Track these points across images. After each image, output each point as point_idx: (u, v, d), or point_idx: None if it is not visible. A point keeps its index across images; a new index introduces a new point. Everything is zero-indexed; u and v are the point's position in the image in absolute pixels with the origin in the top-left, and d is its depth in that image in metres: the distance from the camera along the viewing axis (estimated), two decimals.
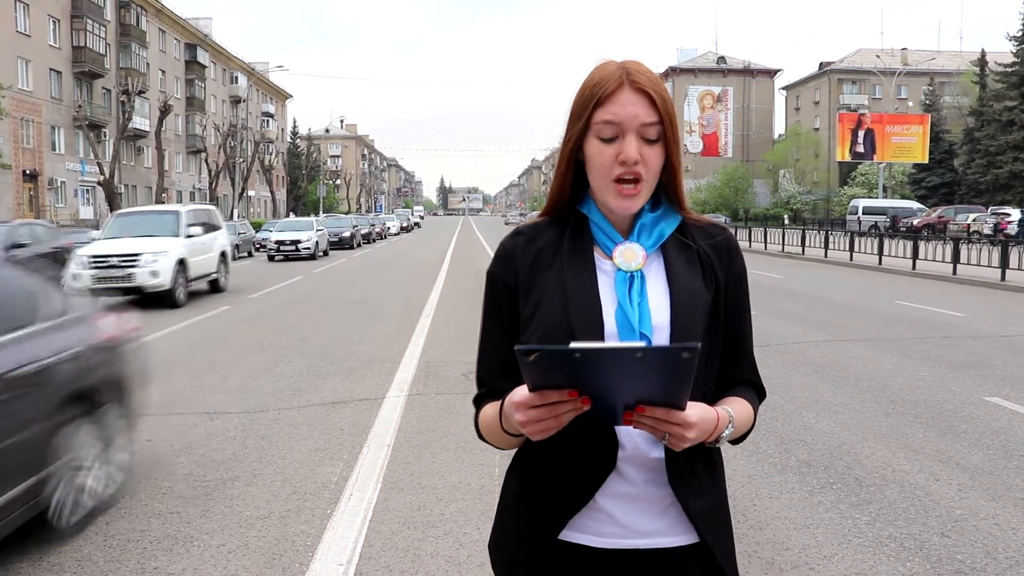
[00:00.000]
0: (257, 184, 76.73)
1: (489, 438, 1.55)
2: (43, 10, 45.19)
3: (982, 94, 56.80)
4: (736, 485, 5.06)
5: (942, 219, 41.14)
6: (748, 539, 4.25)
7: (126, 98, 41.10)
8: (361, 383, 8.29)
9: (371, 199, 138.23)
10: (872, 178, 60.86)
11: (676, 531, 1.48)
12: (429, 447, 6.00)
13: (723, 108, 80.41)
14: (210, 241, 16.64)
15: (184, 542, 4.30)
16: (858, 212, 47.16)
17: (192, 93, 66.30)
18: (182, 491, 5.10)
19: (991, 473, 5.33)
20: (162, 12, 60.40)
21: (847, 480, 5.21)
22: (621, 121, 1.43)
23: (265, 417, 6.93)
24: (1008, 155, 51.52)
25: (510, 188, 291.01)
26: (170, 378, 8.61)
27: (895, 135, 54.89)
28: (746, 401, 1.55)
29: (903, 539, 4.26)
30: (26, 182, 43.46)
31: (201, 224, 16.29)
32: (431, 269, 24.74)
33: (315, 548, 4.18)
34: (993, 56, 57.96)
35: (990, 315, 13.23)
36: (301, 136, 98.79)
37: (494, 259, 1.60)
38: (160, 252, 14.36)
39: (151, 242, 14.60)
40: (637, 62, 1.49)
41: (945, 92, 66.22)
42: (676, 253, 1.52)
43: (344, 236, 38.21)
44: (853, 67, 76.76)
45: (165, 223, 15.56)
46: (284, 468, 5.55)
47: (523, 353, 1.19)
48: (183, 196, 64.91)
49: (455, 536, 4.35)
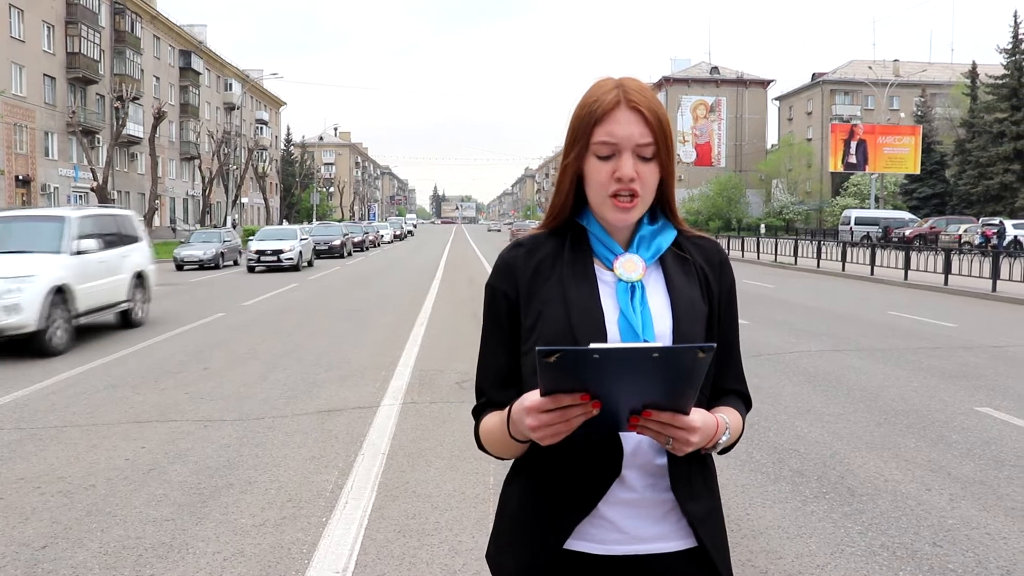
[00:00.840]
0: (251, 191, 76.68)
1: (492, 447, 1.57)
2: (37, 16, 45.17)
3: (973, 106, 57.24)
4: (730, 494, 5.09)
5: (933, 229, 41.37)
6: (742, 548, 4.27)
7: (120, 104, 41.12)
8: (355, 391, 8.30)
9: (365, 207, 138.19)
10: (864, 188, 61.19)
11: (675, 536, 1.50)
12: (424, 455, 6.01)
13: (716, 118, 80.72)
14: (116, 259, 12.44)
15: (179, 549, 4.30)
16: (850, 222, 47.30)
17: (186, 100, 66.29)
18: (177, 498, 5.10)
19: (982, 483, 5.37)
20: (157, 19, 60.42)
21: (840, 490, 5.24)
22: (617, 140, 1.47)
23: (260, 425, 6.93)
24: (999, 166, 51.92)
25: (503, 196, 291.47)
26: (164, 385, 8.61)
27: (887, 146, 55.16)
28: (736, 411, 1.58)
29: (895, 548, 4.29)
30: (19, 187, 43.35)
31: (102, 236, 11.96)
32: (424, 278, 24.75)
33: (311, 556, 4.19)
34: (984, 68, 58.49)
35: (981, 326, 13.30)
36: (295, 143, 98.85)
37: (493, 271, 1.62)
38: (24, 277, 10.10)
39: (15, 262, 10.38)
40: (634, 79, 1.52)
41: (937, 104, 66.71)
42: (674, 265, 1.56)
43: (334, 244, 37.71)
44: (846, 78, 77.25)
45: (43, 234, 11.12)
46: (279, 476, 5.55)
47: (543, 354, 1.21)
48: (176, 203, 64.87)
49: (450, 544, 4.36)
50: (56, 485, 5.37)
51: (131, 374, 9.25)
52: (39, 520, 4.74)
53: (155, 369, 9.56)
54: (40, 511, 4.89)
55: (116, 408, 7.58)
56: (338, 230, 41.15)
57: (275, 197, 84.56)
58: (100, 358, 10.33)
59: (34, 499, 5.11)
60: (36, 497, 5.15)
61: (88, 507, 4.95)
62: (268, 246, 28.35)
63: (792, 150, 75.79)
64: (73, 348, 11.04)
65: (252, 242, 29.44)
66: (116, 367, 9.73)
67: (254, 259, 28.22)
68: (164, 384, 8.67)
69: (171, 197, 63.38)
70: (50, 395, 8.16)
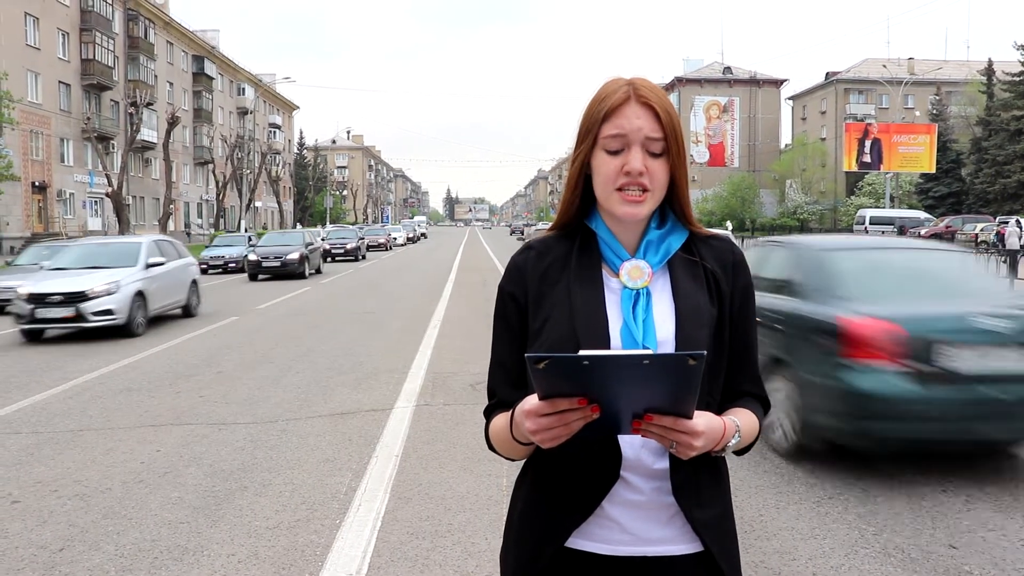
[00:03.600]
0: (264, 195, 77.03)
1: (500, 448, 1.58)
2: (52, 23, 45.56)
3: (989, 103, 56.78)
4: (743, 495, 5.08)
5: (950, 229, 41.08)
6: (755, 549, 4.26)
7: (134, 110, 41.36)
8: (369, 394, 8.32)
9: (378, 210, 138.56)
10: (879, 188, 60.77)
11: (682, 539, 1.50)
12: (437, 457, 6.02)
13: (729, 118, 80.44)
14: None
15: (195, 552, 4.33)
16: (865, 222, 47.03)
17: (199, 105, 66.66)
18: (192, 501, 5.13)
19: (999, 484, 5.33)
20: (170, 25, 60.80)
21: (854, 491, 5.21)
22: (626, 133, 1.46)
23: (274, 428, 6.96)
24: (1016, 164, 51.44)
25: (516, 198, 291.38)
26: (179, 389, 8.66)
27: (902, 145, 54.75)
28: (751, 412, 1.57)
29: (910, 550, 4.26)
30: (35, 194, 43.75)
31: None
32: (438, 280, 24.78)
33: (324, 558, 4.21)
34: (1000, 65, 57.92)
35: None
36: (308, 147, 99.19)
37: (505, 273, 1.63)
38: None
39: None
40: (644, 79, 1.53)
41: (952, 101, 66.17)
42: (682, 269, 1.55)
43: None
44: (860, 77, 76.78)
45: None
46: (293, 478, 5.57)
47: (533, 361, 1.22)
48: (190, 207, 65.22)
49: (463, 546, 4.37)
50: (73, 488, 5.42)
51: (146, 378, 9.32)
52: (56, 523, 4.79)
53: (170, 373, 9.62)
54: (57, 514, 4.94)
55: (131, 412, 7.64)
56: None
57: (288, 201, 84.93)
58: (115, 362, 10.41)
59: (51, 502, 5.16)
60: (53, 500, 5.20)
61: (104, 510, 4.99)
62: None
63: (806, 150, 75.37)
64: (88, 353, 11.15)
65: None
66: (131, 371, 9.80)
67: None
68: (179, 388, 8.72)
69: (185, 202, 63.74)
70: (67, 399, 8.23)
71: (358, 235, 41.40)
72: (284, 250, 26.22)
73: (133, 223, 47.11)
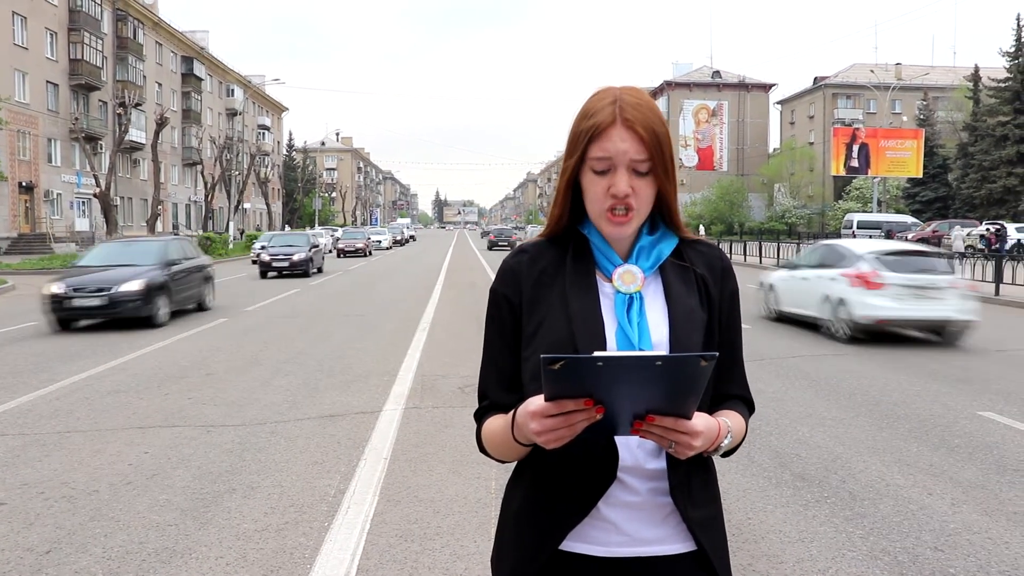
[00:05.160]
0: (253, 196, 76.79)
1: (494, 450, 1.58)
2: (40, 23, 45.33)
3: (976, 109, 57.16)
4: (731, 499, 5.10)
5: (936, 233, 41.32)
6: (743, 552, 4.28)
7: (122, 111, 41.14)
8: (358, 396, 8.31)
9: (367, 212, 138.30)
10: (867, 192, 61.13)
11: (676, 539, 1.53)
12: (426, 460, 6.02)
13: (718, 122, 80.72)
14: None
15: (182, 554, 4.32)
16: (853, 226, 47.21)
17: (188, 106, 66.45)
18: (180, 504, 5.11)
19: (984, 487, 5.37)
20: (159, 25, 60.59)
21: (841, 494, 5.24)
22: (611, 156, 1.49)
23: (262, 430, 6.95)
24: (1002, 170, 51.83)
25: (505, 201, 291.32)
26: (167, 391, 8.63)
27: (889, 149, 55.04)
28: (738, 414, 1.60)
29: (896, 553, 4.29)
30: (22, 194, 43.50)
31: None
32: (427, 283, 24.75)
33: (313, 560, 4.20)
34: (986, 71, 58.42)
35: (984, 329, 13.28)
36: (297, 149, 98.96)
37: (497, 276, 1.64)
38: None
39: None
40: (633, 92, 1.53)
41: (939, 107, 66.60)
42: (674, 274, 1.58)
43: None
44: (847, 82, 77.18)
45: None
46: (281, 481, 5.56)
47: (548, 361, 1.23)
48: (178, 208, 64.96)
49: (452, 549, 4.37)
50: (60, 490, 5.39)
51: (134, 380, 9.28)
52: (43, 525, 4.76)
53: (158, 374, 9.58)
54: (44, 516, 4.91)
55: (119, 413, 7.60)
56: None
57: (277, 202, 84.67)
58: (104, 364, 10.36)
59: (38, 504, 5.13)
60: (40, 502, 5.17)
61: (92, 512, 4.97)
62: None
63: (794, 154, 75.69)
64: (77, 354, 11.09)
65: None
66: (119, 373, 9.75)
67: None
68: (167, 389, 8.69)
69: (173, 203, 63.48)
70: (54, 400, 8.19)
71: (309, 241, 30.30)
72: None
73: (121, 224, 46.81)
